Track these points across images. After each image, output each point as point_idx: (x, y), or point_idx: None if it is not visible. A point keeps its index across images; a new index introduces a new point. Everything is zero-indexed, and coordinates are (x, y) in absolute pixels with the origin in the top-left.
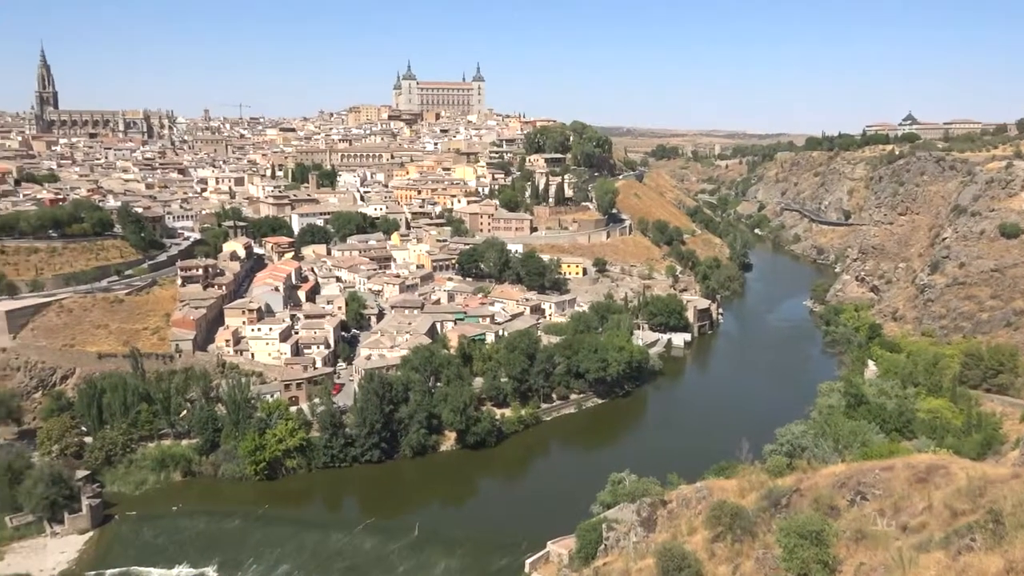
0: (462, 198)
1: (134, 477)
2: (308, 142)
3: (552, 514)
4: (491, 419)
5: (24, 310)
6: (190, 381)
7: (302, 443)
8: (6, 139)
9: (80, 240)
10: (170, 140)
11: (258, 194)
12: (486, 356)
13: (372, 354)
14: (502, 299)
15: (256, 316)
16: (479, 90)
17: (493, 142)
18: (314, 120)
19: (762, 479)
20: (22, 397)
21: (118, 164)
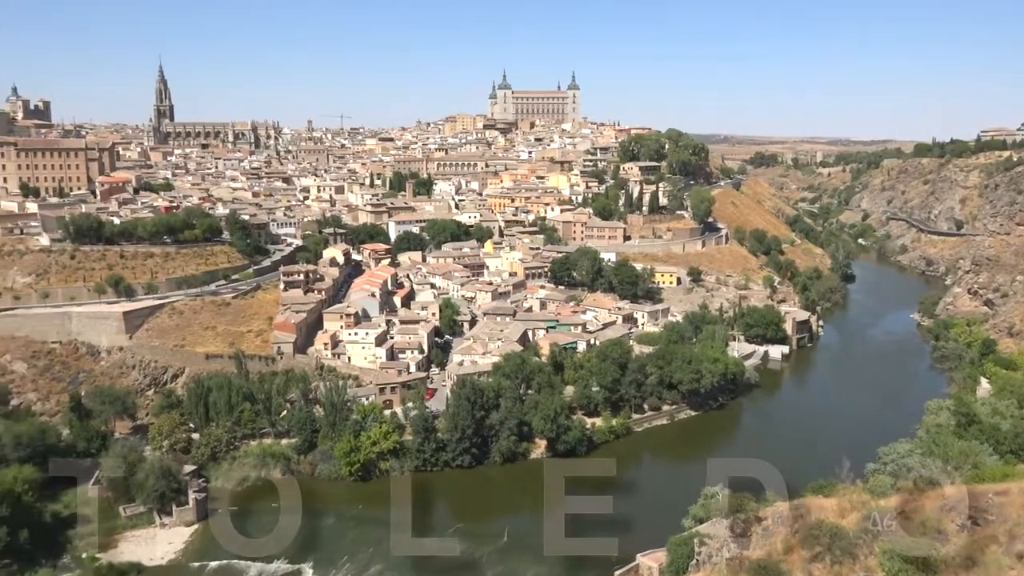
0: (555, 206)
1: (237, 473)
2: (405, 151)
3: (642, 526)
4: (581, 428)
5: (140, 311)
6: (290, 382)
7: (395, 446)
8: (127, 150)
9: (191, 246)
10: (275, 150)
11: (357, 202)
12: (577, 365)
13: (464, 360)
14: (594, 308)
15: (353, 321)
16: (574, 98)
17: (587, 150)
18: (411, 130)
19: (864, 499)
20: (137, 394)
21: (227, 173)
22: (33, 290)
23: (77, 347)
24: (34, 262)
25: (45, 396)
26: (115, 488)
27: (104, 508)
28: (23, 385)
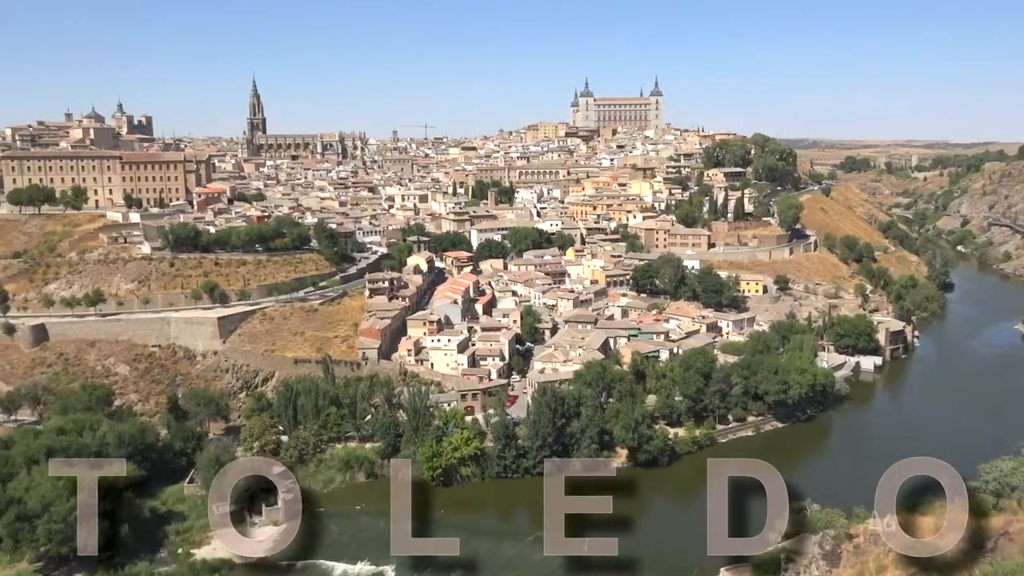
0: (638, 213)
1: (323, 476)
2: (488, 160)
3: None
4: (664, 438)
5: (233, 317)
6: (375, 387)
7: (476, 452)
8: (222, 162)
9: (281, 254)
10: (362, 160)
11: (440, 210)
12: (660, 374)
13: (545, 368)
14: (677, 316)
15: (436, 327)
16: (657, 105)
17: (670, 157)
18: (494, 138)
19: (963, 519)
20: (230, 396)
21: (316, 183)
22: (135, 296)
23: (175, 351)
24: (136, 269)
25: (145, 397)
26: (209, 486)
27: (199, 506)
28: (125, 386)
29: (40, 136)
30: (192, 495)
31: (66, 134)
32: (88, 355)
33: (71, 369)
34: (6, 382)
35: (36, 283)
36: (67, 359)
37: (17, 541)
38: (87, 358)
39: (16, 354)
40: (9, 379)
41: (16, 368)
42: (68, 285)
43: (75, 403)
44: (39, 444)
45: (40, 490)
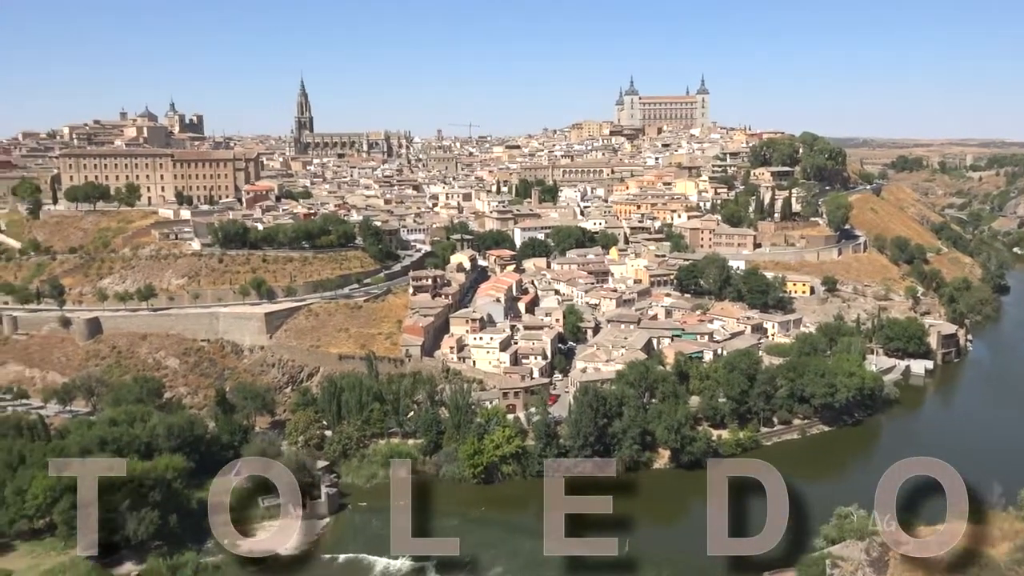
0: (682, 213)
1: (366, 471)
2: (532, 158)
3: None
4: (707, 439)
5: (280, 313)
6: (417, 384)
7: (518, 450)
8: (270, 160)
9: (327, 251)
10: (406, 159)
11: (484, 209)
12: (703, 375)
13: (588, 367)
14: (722, 317)
15: (479, 325)
16: (703, 103)
17: (716, 156)
18: (538, 137)
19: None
20: (275, 391)
21: (361, 181)
22: (185, 291)
23: (223, 345)
24: (187, 265)
25: (194, 390)
26: (254, 479)
27: (244, 498)
28: (175, 379)
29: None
30: (239, 487)
31: (121, 132)
32: (140, 348)
33: (123, 362)
34: (62, 374)
35: (91, 278)
36: (120, 352)
37: (71, 529)
38: (139, 351)
39: (71, 347)
40: (65, 371)
41: (71, 360)
42: (121, 280)
43: (127, 395)
44: (92, 435)
45: None
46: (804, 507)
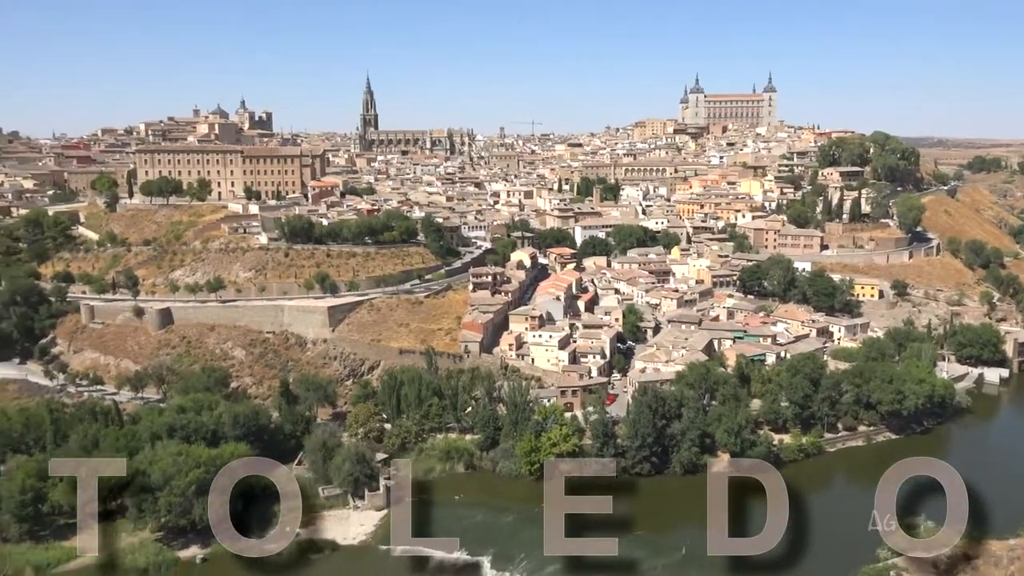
0: (747, 213)
1: (423, 464)
2: (594, 157)
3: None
4: (768, 444)
5: (343, 307)
6: (476, 380)
7: (574, 449)
8: (336, 157)
9: (389, 246)
10: (469, 156)
11: (545, 207)
12: (765, 378)
13: (647, 367)
14: (786, 319)
15: (538, 323)
16: (770, 101)
17: (783, 155)
18: (600, 135)
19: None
20: (337, 383)
21: (424, 178)
22: (252, 284)
23: (287, 337)
24: (254, 259)
25: (259, 381)
26: (316, 469)
27: (305, 487)
28: (241, 370)
29: (170, 131)
30: (300, 476)
31: (193, 129)
32: (208, 339)
33: (192, 351)
34: (134, 361)
35: (163, 269)
36: (189, 342)
37: (141, 511)
38: (207, 341)
39: (144, 336)
40: (137, 359)
41: (144, 349)
42: (192, 272)
43: (195, 383)
44: (162, 421)
45: (162, 464)
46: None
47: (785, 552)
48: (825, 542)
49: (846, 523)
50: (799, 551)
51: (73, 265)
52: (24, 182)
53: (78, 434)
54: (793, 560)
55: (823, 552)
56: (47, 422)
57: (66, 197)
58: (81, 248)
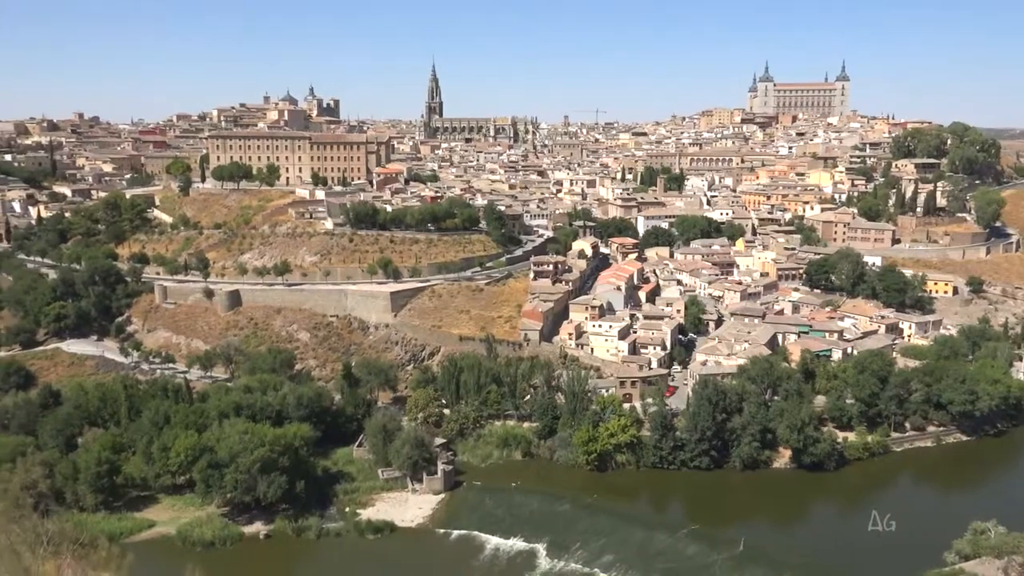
0: (815, 205)
1: (481, 451)
2: (658, 146)
3: (894, 555)
4: (832, 441)
5: (405, 293)
6: (535, 369)
7: (632, 440)
8: (400, 144)
9: (452, 233)
10: (532, 144)
11: (607, 196)
12: (831, 374)
13: (708, 360)
14: (853, 315)
15: (598, 313)
16: (842, 90)
17: (855, 146)
18: (665, 124)
19: None
20: (398, 368)
21: (487, 166)
22: (318, 268)
23: (351, 321)
24: (319, 243)
25: (323, 363)
26: (376, 452)
27: (365, 469)
28: (305, 352)
29: (241, 117)
30: (360, 458)
31: (263, 115)
32: (274, 321)
33: (259, 333)
34: (204, 341)
35: (233, 252)
36: (256, 323)
37: (208, 486)
38: (273, 324)
39: (213, 316)
40: (207, 339)
41: (213, 329)
42: (260, 255)
43: (261, 364)
44: (229, 400)
45: (229, 442)
46: (937, 519)
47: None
48: (890, 544)
49: (914, 524)
50: (862, 552)
51: (148, 247)
52: (104, 166)
53: (150, 410)
54: (856, 560)
55: (888, 554)
56: (122, 398)
57: (142, 181)
58: (156, 230)
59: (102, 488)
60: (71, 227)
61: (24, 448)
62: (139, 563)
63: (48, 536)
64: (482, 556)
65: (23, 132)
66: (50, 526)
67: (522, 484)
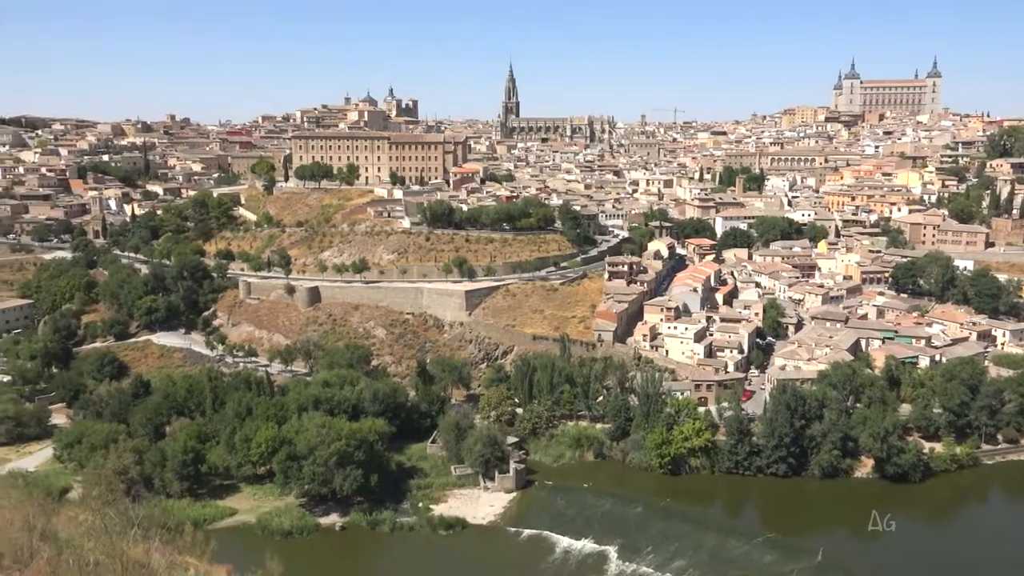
0: (903, 206)
1: (553, 451)
2: (738, 145)
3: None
4: (917, 452)
5: (479, 291)
6: (608, 370)
7: (707, 444)
8: (477, 144)
9: (526, 233)
10: (608, 144)
11: (684, 196)
12: (917, 382)
13: (787, 365)
14: (942, 320)
15: (673, 315)
16: (934, 87)
17: (946, 145)
18: (746, 123)
19: None
20: (471, 366)
21: (562, 166)
22: (394, 266)
23: (426, 319)
24: (396, 242)
25: (398, 360)
26: (448, 449)
27: (438, 465)
28: (381, 349)
29: (323, 118)
30: (433, 454)
31: (344, 116)
32: (352, 317)
33: (338, 329)
34: (285, 336)
35: (313, 250)
36: (335, 320)
37: (287, 477)
38: (351, 320)
39: (294, 312)
40: (288, 334)
41: (294, 324)
42: (339, 253)
43: (339, 359)
44: (308, 394)
45: (307, 435)
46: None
47: (933, 568)
48: (981, 559)
49: (1005, 542)
50: (949, 569)
51: (233, 244)
52: (193, 166)
53: (233, 402)
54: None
55: (979, 572)
56: (207, 389)
57: (229, 180)
58: (241, 228)
59: (187, 476)
60: (162, 224)
61: (117, 435)
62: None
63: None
64: (553, 557)
65: (119, 133)
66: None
67: (594, 485)
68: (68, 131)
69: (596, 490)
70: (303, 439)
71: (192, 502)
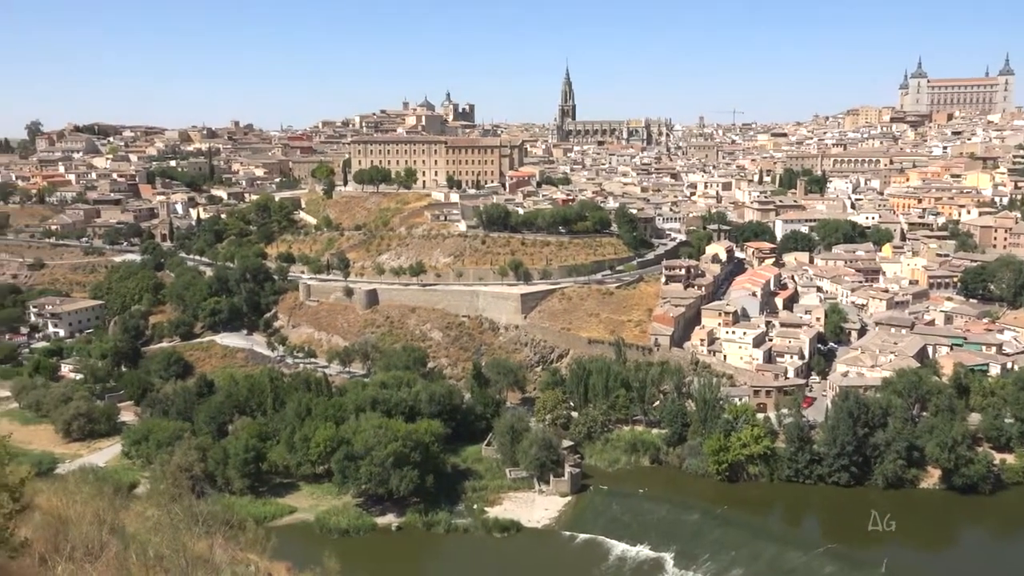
0: (972, 208)
1: (608, 455)
2: (799, 147)
3: None
4: (987, 463)
5: (535, 295)
6: (664, 374)
7: (766, 451)
8: (533, 147)
9: (582, 236)
10: (666, 147)
11: (743, 199)
12: (988, 390)
13: (850, 371)
14: (1014, 327)
15: (732, 319)
16: (1006, 85)
17: (1019, 145)
18: (807, 124)
19: None
20: (527, 369)
21: (619, 169)
22: (451, 269)
23: (482, 322)
24: (453, 245)
25: (454, 362)
26: (504, 451)
27: (493, 468)
28: (438, 351)
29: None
30: (489, 457)
31: (402, 121)
32: (409, 320)
33: (395, 331)
34: (343, 338)
35: (372, 253)
36: (392, 322)
37: (344, 477)
38: (408, 322)
39: (352, 314)
40: (346, 335)
41: (352, 326)
42: (397, 256)
43: (396, 361)
44: (366, 395)
45: (364, 435)
46: None
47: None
48: None
49: None
50: None
51: (294, 247)
52: (256, 170)
53: (293, 402)
54: None
55: None
56: (268, 389)
57: (290, 184)
58: (301, 231)
59: (249, 473)
60: (226, 228)
61: (182, 433)
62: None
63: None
64: (608, 562)
65: (186, 139)
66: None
67: (650, 491)
68: (138, 138)
69: (652, 496)
70: (360, 439)
71: (253, 499)
